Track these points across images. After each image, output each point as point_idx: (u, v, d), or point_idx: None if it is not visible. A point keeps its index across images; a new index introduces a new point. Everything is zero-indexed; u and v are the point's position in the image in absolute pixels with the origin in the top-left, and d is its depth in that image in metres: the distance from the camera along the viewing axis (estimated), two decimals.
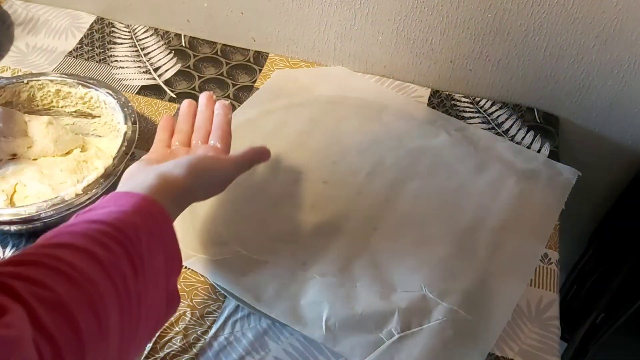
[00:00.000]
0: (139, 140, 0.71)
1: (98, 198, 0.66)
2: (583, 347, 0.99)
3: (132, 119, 0.72)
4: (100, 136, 0.78)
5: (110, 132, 0.77)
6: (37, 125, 0.72)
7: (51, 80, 0.76)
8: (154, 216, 0.46)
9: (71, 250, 0.39)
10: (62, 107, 0.78)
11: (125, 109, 0.73)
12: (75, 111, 0.78)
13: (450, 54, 0.84)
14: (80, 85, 0.76)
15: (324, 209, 0.71)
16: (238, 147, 0.77)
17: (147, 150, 0.61)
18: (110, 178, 0.66)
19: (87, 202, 0.64)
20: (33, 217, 0.62)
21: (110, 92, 0.75)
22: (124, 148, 0.69)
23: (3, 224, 0.63)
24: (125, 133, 0.71)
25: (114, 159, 0.67)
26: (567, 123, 0.88)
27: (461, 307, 0.62)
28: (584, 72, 0.81)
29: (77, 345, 0.35)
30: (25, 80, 0.75)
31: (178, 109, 0.66)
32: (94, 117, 0.78)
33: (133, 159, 0.75)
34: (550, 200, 0.75)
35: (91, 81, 0.76)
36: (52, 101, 0.77)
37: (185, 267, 0.66)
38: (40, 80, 0.75)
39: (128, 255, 0.42)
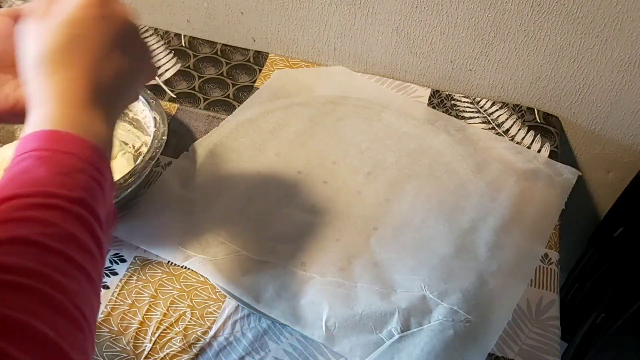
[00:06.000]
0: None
1: (120, 200, 0.66)
2: (583, 347, 0.99)
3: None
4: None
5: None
6: None
7: None
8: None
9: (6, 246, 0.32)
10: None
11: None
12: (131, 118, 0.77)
13: (450, 54, 0.84)
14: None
15: (324, 209, 0.71)
16: (238, 147, 0.78)
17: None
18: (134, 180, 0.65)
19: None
20: None
21: (157, 116, 0.72)
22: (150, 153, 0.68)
23: None
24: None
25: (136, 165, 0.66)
26: (567, 123, 0.88)
27: (461, 307, 0.62)
28: (584, 72, 0.81)
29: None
30: None
31: None
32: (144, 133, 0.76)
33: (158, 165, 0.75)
34: (551, 200, 0.75)
35: (151, 101, 0.73)
36: None
37: (185, 267, 0.66)
38: None
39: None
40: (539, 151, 0.81)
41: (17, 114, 0.43)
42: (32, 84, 0.39)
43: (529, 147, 0.81)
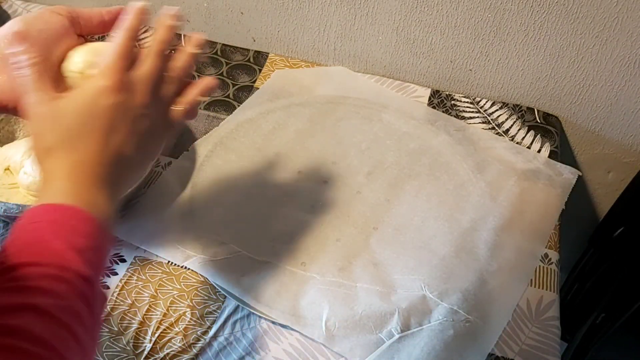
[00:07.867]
0: None
1: (120, 200, 0.65)
2: (583, 347, 0.99)
3: None
4: None
5: None
6: None
7: None
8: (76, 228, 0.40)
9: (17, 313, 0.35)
10: None
11: None
12: None
13: (450, 54, 0.84)
14: None
15: (323, 209, 0.71)
16: (238, 146, 0.78)
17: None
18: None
19: None
20: None
21: None
22: None
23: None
24: None
25: None
26: (567, 123, 0.88)
27: (461, 307, 0.62)
28: (584, 72, 0.81)
29: None
30: None
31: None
32: None
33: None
34: (551, 200, 0.75)
35: None
36: None
37: (185, 267, 0.66)
38: None
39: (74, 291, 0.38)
40: (539, 151, 0.81)
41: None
42: (44, 164, 0.43)
43: (529, 147, 0.81)
